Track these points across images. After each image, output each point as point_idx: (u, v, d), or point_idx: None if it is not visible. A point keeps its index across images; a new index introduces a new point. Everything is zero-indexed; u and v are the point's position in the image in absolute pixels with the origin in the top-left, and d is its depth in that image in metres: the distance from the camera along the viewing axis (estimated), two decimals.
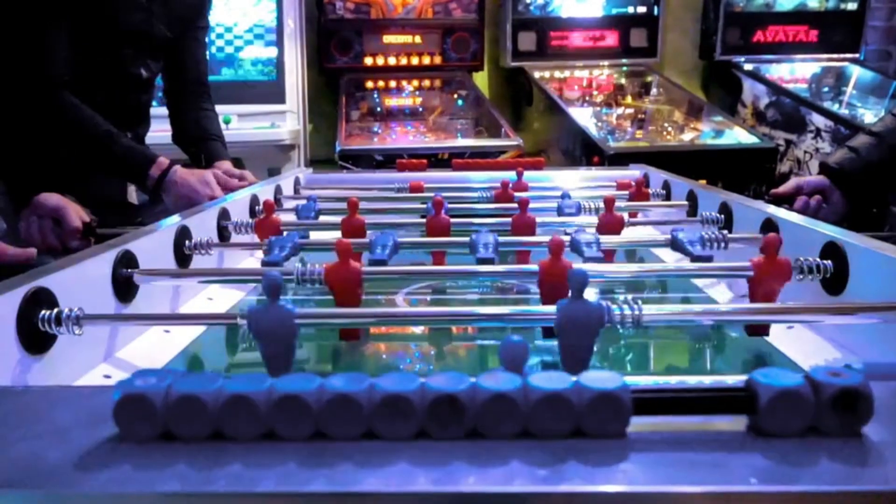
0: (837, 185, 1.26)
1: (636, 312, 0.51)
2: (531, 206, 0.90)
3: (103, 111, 1.29)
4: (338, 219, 0.91)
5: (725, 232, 0.85)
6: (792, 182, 1.31)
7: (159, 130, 1.63)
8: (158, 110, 1.60)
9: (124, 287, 0.68)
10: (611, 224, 0.88)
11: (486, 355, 0.70)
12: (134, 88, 1.45)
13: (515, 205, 0.92)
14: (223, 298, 0.87)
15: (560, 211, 1.00)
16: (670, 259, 0.98)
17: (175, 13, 1.47)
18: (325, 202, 1.15)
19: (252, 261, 1.03)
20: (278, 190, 1.29)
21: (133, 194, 1.52)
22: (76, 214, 1.09)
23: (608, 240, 0.81)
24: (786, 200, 1.24)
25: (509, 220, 0.89)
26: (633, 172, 1.48)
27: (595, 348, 0.48)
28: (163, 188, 1.29)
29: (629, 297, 0.53)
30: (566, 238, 0.73)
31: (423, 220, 0.90)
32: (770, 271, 0.64)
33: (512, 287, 0.90)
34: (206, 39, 1.64)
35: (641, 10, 3.26)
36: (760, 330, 0.66)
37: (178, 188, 1.28)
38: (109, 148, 1.27)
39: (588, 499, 0.25)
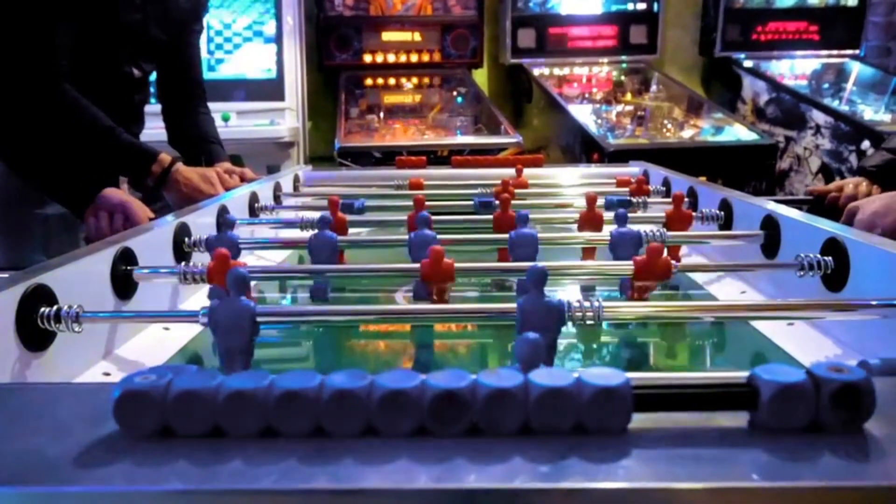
0: (877, 185, 1.32)
1: (595, 308, 0.51)
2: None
3: (97, 108, 1.29)
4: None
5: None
6: (832, 185, 1.38)
7: (154, 128, 1.62)
8: (152, 108, 1.60)
9: (123, 284, 0.68)
10: (592, 220, 0.89)
11: (485, 351, 0.70)
12: (126, 87, 1.44)
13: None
14: None
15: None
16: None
17: (171, 15, 1.46)
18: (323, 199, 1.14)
19: (252, 258, 1.03)
20: (278, 187, 1.29)
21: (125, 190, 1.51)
22: (141, 209, 1.16)
23: (591, 236, 0.85)
24: (824, 197, 1.33)
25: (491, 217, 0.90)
26: (633, 169, 1.48)
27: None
28: (165, 185, 1.29)
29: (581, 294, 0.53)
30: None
31: (405, 218, 0.90)
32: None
33: (511, 284, 0.90)
34: (200, 42, 1.63)
35: (641, 6, 3.26)
36: None
37: (181, 185, 1.28)
38: (111, 142, 1.27)
39: (589, 495, 0.25)
